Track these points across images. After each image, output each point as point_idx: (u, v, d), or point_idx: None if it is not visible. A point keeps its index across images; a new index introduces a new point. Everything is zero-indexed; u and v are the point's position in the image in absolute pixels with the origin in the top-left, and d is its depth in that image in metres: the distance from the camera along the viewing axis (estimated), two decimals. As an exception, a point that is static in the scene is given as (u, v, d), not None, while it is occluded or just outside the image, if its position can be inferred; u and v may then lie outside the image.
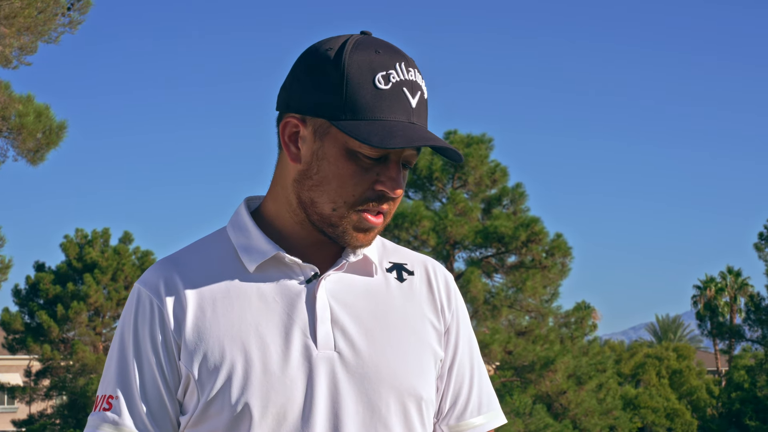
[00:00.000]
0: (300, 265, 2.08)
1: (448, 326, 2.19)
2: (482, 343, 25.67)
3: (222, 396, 1.99)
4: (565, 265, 27.73)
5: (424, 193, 28.98)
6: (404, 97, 1.99)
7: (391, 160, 2.01)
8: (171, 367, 2.04)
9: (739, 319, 56.49)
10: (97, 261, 36.64)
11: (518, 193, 28.55)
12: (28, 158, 18.32)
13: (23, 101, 18.09)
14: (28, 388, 38.21)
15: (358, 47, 2.01)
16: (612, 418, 29.94)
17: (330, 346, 2.04)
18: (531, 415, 26.62)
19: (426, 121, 2.05)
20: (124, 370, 2.06)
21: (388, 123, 1.97)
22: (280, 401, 2.00)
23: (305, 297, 2.06)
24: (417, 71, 2.05)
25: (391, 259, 2.20)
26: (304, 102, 2.02)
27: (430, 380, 2.13)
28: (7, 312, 37.63)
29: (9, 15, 16.23)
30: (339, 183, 2.00)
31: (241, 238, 2.11)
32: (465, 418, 2.22)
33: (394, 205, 2.06)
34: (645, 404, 47.02)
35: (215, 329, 2.03)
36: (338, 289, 2.09)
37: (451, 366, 2.20)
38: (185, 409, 2.06)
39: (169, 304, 2.05)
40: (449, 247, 27.67)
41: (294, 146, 2.05)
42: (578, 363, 28.02)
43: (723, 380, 54.12)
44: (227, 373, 2.00)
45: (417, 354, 2.11)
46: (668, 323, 79.73)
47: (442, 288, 2.21)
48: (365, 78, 1.98)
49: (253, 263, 2.08)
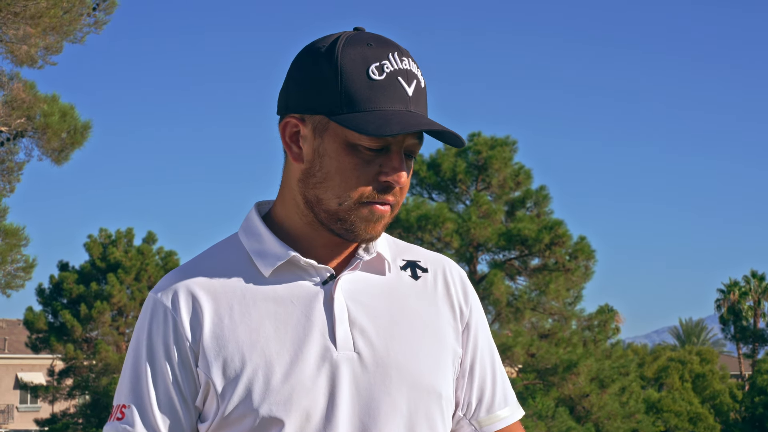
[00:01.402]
0: (315, 267, 2.07)
1: (467, 322, 2.19)
2: (505, 346, 25.64)
3: (244, 403, 1.98)
4: (589, 268, 27.64)
5: (448, 195, 28.94)
6: (400, 87, 1.99)
7: (392, 150, 2.01)
8: (186, 376, 2.03)
9: (762, 324, 56.32)
10: (121, 261, 36.72)
11: (542, 196, 28.48)
12: (52, 158, 18.39)
13: (48, 101, 18.16)
14: (51, 388, 38.33)
15: (351, 42, 2.01)
16: (635, 422, 29.82)
17: (350, 347, 2.03)
18: (553, 418, 26.54)
19: (425, 109, 2.04)
20: (137, 380, 2.05)
21: (385, 112, 1.96)
22: (303, 404, 1.99)
23: (322, 299, 2.06)
24: (411, 60, 2.04)
25: (404, 257, 2.20)
26: (301, 101, 2.03)
27: (449, 378, 2.13)
28: (30, 311, 37.74)
29: (35, 15, 16.29)
30: (342, 177, 2.00)
31: (254, 243, 2.11)
32: (494, 410, 2.23)
33: (400, 195, 2.05)
34: (668, 408, 46.83)
35: (234, 336, 2.02)
36: (354, 290, 2.09)
37: (473, 361, 2.20)
38: (205, 416, 2.05)
39: (184, 313, 2.04)
40: (472, 250, 27.62)
41: (296, 146, 2.05)
42: (601, 366, 27.92)
43: (746, 384, 53.88)
44: (248, 380, 1.99)
45: (436, 352, 2.11)
46: (691, 327, 79.45)
47: (458, 285, 2.21)
48: (359, 70, 1.98)
49: (269, 268, 2.07)
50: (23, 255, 20.65)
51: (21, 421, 53.46)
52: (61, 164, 18.44)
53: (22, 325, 39.34)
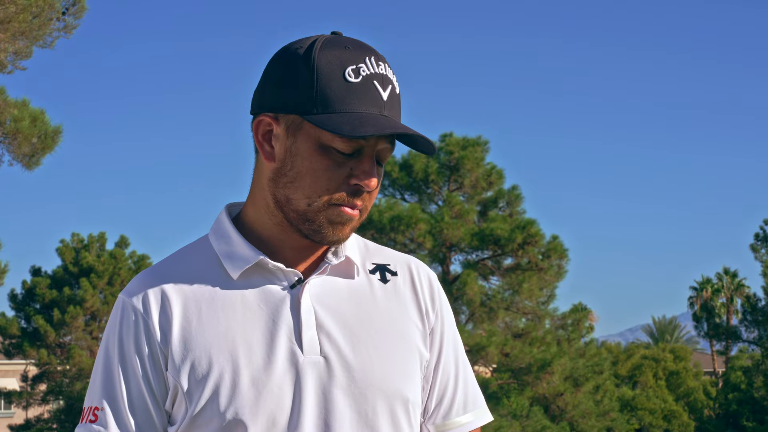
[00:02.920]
0: (283, 270, 2.08)
1: (433, 326, 2.19)
2: (479, 346, 25.65)
3: (210, 406, 1.99)
4: (562, 267, 27.69)
5: (420, 195, 28.94)
6: (375, 90, 2.00)
7: (364, 153, 2.01)
8: (157, 378, 2.04)
9: (735, 320, 56.46)
10: (94, 265, 36.57)
11: (514, 196, 28.52)
12: (23, 163, 18.29)
13: (18, 106, 18.06)
14: (25, 393, 38.13)
15: (328, 44, 2.02)
16: (609, 420, 29.89)
17: (316, 351, 2.04)
18: (528, 418, 26.60)
19: (398, 115, 2.05)
20: (109, 382, 2.05)
21: (359, 114, 1.97)
22: (269, 408, 1.99)
23: (290, 302, 2.06)
24: (387, 66, 2.05)
25: (374, 261, 2.20)
26: (276, 100, 2.03)
27: (416, 382, 2.13)
28: (3, 317, 37.54)
29: (3, 20, 16.21)
30: (313, 178, 2.00)
31: (223, 245, 2.11)
32: (451, 417, 2.23)
33: (369, 199, 2.05)
34: (642, 406, 46.97)
35: (201, 339, 2.02)
36: (322, 293, 2.09)
37: (436, 365, 2.20)
38: (174, 419, 2.05)
39: (154, 315, 2.04)
40: (445, 250, 27.64)
41: (268, 145, 2.06)
42: (575, 365, 27.99)
43: (720, 381, 54.10)
44: (215, 383, 1.99)
45: (403, 356, 2.11)
46: (665, 325, 79.71)
47: (426, 288, 2.21)
48: (335, 72, 1.98)
49: (237, 270, 2.07)
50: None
51: (-5, 427, 53.11)
52: (32, 169, 18.34)
53: (-5, 330, 39.12)
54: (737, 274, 60.28)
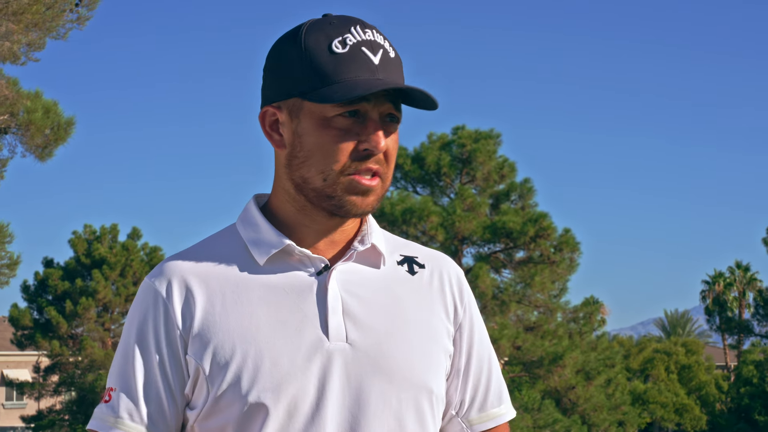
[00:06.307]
0: (310, 257, 2.08)
1: (461, 322, 2.19)
2: (491, 339, 25.53)
3: (233, 389, 1.99)
4: (574, 260, 27.68)
5: (432, 188, 28.95)
6: (364, 56, 2.02)
7: (368, 118, 2.02)
8: (175, 365, 2.05)
9: (747, 314, 56.40)
10: (106, 257, 36.66)
11: (526, 189, 28.50)
12: (36, 154, 18.33)
13: (31, 97, 18.10)
14: (37, 384, 38.27)
15: (314, 25, 2.06)
16: (621, 414, 29.90)
17: (342, 338, 2.03)
18: (540, 411, 26.60)
19: (400, 77, 2.06)
20: (126, 364, 2.07)
21: (352, 81, 1.99)
22: (292, 393, 1.99)
23: (316, 289, 2.06)
24: (376, 32, 2.07)
25: (402, 252, 2.20)
26: (275, 90, 2.07)
27: (440, 375, 2.13)
28: (15, 308, 37.66)
29: (17, 11, 16.23)
30: (322, 153, 2.02)
31: (250, 232, 2.12)
32: (487, 409, 2.23)
33: (387, 165, 2.07)
34: (654, 399, 47.00)
35: (225, 323, 2.03)
36: (349, 281, 2.09)
37: (468, 359, 2.20)
38: (194, 403, 2.05)
39: (176, 300, 2.05)
40: (457, 243, 27.64)
41: (276, 134, 2.09)
42: (587, 358, 27.98)
43: (732, 375, 54.02)
44: (238, 366, 1.99)
45: (429, 348, 2.11)
46: (677, 318, 79.61)
47: (454, 284, 2.21)
48: (322, 47, 2.02)
49: (263, 256, 2.08)
50: (7, 252, 20.62)
51: (7, 418, 53.33)
52: (45, 161, 18.38)
53: (7, 322, 39.24)
54: (749, 268, 60.11)
